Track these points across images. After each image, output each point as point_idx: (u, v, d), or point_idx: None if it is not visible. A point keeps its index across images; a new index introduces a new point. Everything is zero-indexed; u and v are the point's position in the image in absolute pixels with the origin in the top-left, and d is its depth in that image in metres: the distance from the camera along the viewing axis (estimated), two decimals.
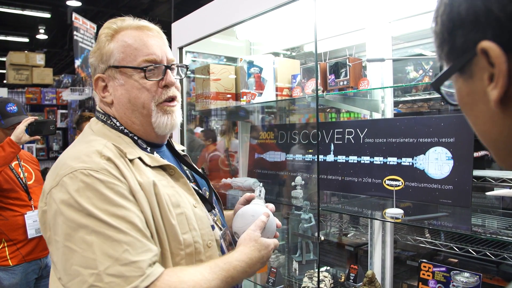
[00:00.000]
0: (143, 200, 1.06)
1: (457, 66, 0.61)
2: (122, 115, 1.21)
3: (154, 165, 1.16)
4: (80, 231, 0.97)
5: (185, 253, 1.10)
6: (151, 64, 1.18)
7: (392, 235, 2.12)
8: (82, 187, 1.00)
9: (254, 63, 2.40)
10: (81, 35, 7.20)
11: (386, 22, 2.08)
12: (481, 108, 0.60)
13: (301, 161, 2.55)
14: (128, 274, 0.94)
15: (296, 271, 2.37)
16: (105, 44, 1.19)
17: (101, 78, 1.21)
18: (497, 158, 0.64)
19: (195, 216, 1.15)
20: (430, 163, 1.88)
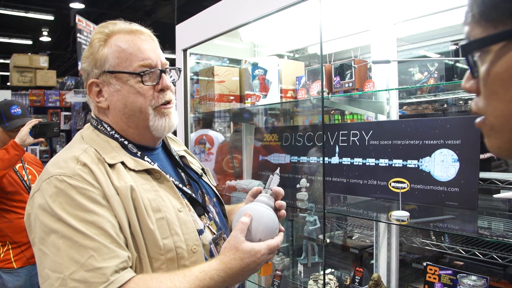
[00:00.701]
0: (118, 205, 1.06)
1: None
2: (117, 120, 1.21)
3: (139, 169, 1.15)
4: (52, 236, 0.99)
5: (166, 258, 1.09)
6: (146, 69, 1.18)
7: (397, 238, 2.11)
8: (55, 192, 1.02)
9: (258, 65, 2.39)
10: (84, 37, 7.21)
11: (391, 23, 2.07)
12: None
13: (305, 163, 2.54)
14: (92, 280, 0.95)
15: (301, 274, 2.36)
16: (98, 49, 1.18)
17: (95, 83, 1.20)
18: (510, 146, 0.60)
19: (178, 221, 1.14)
20: (436, 165, 1.87)
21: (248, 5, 2.22)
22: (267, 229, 1.16)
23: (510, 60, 0.55)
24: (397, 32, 2.09)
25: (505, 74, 0.56)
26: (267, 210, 1.20)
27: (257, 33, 2.65)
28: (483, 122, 0.63)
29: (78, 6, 10.81)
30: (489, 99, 0.59)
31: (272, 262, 2.56)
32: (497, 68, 0.57)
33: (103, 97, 1.21)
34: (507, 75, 0.56)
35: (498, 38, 0.56)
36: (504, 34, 0.55)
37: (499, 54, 0.56)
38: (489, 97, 0.59)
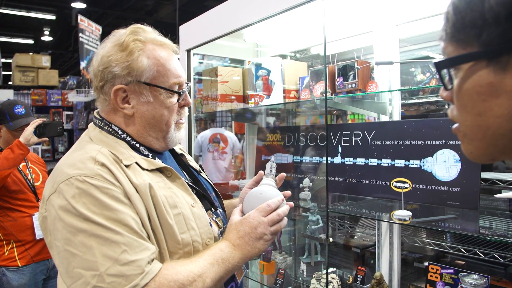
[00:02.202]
0: (138, 202, 1.08)
1: (494, 54, 0.59)
2: (139, 127, 1.23)
3: (151, 168, 1.18)
4: (79, 235, 1.00)
5: (184, 252, 1.14)
6: (178, 86, 1.24)
7: (399, 237, 2.12)
8: (77, 193, 1.03)
9: (262, 65, 2.41)
10: (86, 37, 7.24)
11: (394, 25, 2.09)
12: (501, 102, 0.60)
13: (308, 163, 2.56)
14: (128, 273, 0.98)
15: (303, 273, 2.38)
16: (137, 58, 1.18)
17: (123, 89, 1.19)
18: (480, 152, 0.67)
19: (193, 216, 1.18)
20: (438, 166, 1.89)
21: (252, 6, 2.24)
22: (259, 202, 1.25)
23: (477, 79, 0.62)
24: (399, 33, 2.11)
25: (472, 91, 0.63)
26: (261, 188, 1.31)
27: (261, 34, 2.67)
28: (457, 129, 0.70)
29: (80, 5, 10.83)
30: (460, 111, 0.67)
31: (275, 261, 2.58)
32: (466, 85, 0.63)
33: (128, 104, 1.21)
34: (474, 92, 0.62)
35: (466, 59, 0.63)
36: (471, 55, 0.62)
37: (468, 73, 0.63)
38: (460, 109, 0.67)
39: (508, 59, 0.58)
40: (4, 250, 2.70)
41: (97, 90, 1.23)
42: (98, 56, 1.22)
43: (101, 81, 1.20)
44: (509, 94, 0.59)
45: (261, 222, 1.20)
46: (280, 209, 1.25)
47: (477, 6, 0.60)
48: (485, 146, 0.65)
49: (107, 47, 1.21)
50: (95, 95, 1.26)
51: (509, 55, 0.58)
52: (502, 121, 0.61)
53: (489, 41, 0.59)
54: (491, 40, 0.59)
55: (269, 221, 1.21)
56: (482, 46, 0.60)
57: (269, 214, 1.22)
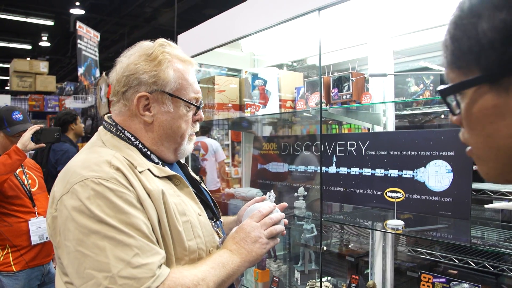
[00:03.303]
0: (150, 207, 1.11)
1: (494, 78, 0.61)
2: (155, 135, 1.27)
3: (162, 176, 1.21)
4: (92, 237, 1.02)
5: (189, 259, 1.17)
6: (195, 100, 1.30)
7: (393, 246, 2.15)
8: (92, 195, 1.05)
9: (258, 75, 2.45)
10: (84, 44, 7.27)
11: (388, 37, 2.13)
12: (508, 123, 0.62)
13: (303, 172, 2.59)
14: (140, 275, 1.00)
15: (298, 281, 2.39)
16: (165, 69, 1.23)
17: (146, 97, 1.23)
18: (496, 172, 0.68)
19: (199, 224, 1.22)
20: (431, 176, 1.92)
21: (250, 17, 2.28)
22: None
23: (482, 102, 0.63)
24: (393, 45, 2.15)
25: (479, 114, 0.65)
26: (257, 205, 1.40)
27: (257, 44, 2.71)
28: (471, 152, 0.72)
29: (78, 12, 10.88)
30: (470, 134, 0.68)
31: (270, 269, 2.59)
32: (473, 109, 0.65)
33: (149, 112, 1.25)
34: (482, 114, 0.64)
35: (469, 84, 0.65)
36: (474, 81, 0.63)
37: (473, 97, 0.65)
38: (470, 133, 0.68)
39: (509, 81, 0.60)
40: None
41: (117, 95, 1.26)
42: (123, 63, 1.25)
43: (124, 87, 1.24)
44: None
45: (254, 226, 1.27)
46: (273, 214, 1.33)
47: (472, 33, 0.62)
48: (500, 166, 0.67)
49: (134, 56, 1.25)
50: (114, 99, 1.28)
51: (509, 77, 0.60)
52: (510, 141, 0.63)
53: (488, 65, 0.62)
54: (489, 64, 0.61)
55: (262, 225, 1.29)
56: (482, 71, 0.62)
57: (261, 219, 1.30)
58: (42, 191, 3.01)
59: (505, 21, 0.58)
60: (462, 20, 0.65)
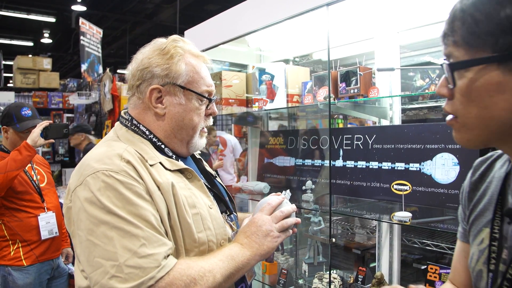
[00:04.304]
0: (160, 200, 1.14)
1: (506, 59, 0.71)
2: (167, 127, 1.30)
3: (173, 169, 1.25)
4: (102, 227, 1.06)
5: (199, 250, 1.19)
6: (207, 94, 1.31)
7: (399, 238, 2.18)
8: (103, 186, 1.09)
9: (266, 70, 2.47)
10: (87, 40, 7.29)
11: (395, 32, 2.15)
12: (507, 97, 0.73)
13: (310, 166, 2.62)
14: (146, 265, 1.03)
15: (305, 273, 2.43)
16: (177, 63, 1.26)
17: (158, 89, 1.27)
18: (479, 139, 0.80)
19: (210, 217, 1.24)
20: (437, 169, 1.94)
21: (257, 13, 2.30)
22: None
23: (488, 78, 0.74)
24: (400, 40, 2.17)
25: (482, 88, 0.75)
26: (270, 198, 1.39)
27: (264, 39, 2.72)
28: (454, 120, 0.83)
29: (80, 8, 10.88)
30: (466, 105, 0.78)
31: (277, 262, 2.63)
32: (476, 84, 0.76)
33: (161, 104, 1.29)
34: (484, 89, 0.75)
35: (479, 62, 0.75)
36: (486, 59, 0.73)
37: (479, 74, 0.75)
38: (466, 104, 0.78)
39: None
40: (10, 250, 2.74)
41: (132, 88, 1.31)
42: (137, 59, 1.30)
43: (139, 80, 1.28)
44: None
45: (264, 220, 1.28)
46: (283, 207, 1.34)
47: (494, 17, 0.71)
48: (485, 134, 0.79)
49: (148, 51, 1.29)
50: (129, 93, 1.33)
51: None
52: (505, 113, 0.74)
53: (504, 47, 0.71)
54: (505, 47, 0.71)
55: (273, 218, 1.29)
56: (496, 51, 0.72)
57: (271, 212, 1.32)
58: (50, 187, 3.05)
59: None
60: (485, 5, 0.73)
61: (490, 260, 0.90)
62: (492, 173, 1.00)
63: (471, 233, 1.01)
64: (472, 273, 0.98)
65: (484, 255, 0.93)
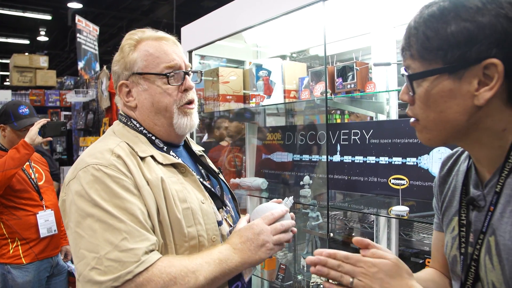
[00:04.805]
0: (148, 194, 1.15)
1: (455, 69, 0.83)
2: (145, 117, 1.32)
3: (166, 163, 1.26)
4: (88, 219, 1.08)
5: (189, 245, 1.19)
6: (172, 70, 1.29)
7: (397, 232, 2.19)
8: (92, 180, 1.12)
9: (263, 66, 2.47)
10: (84, 37, 7.26)
11: (391, 27, 2.15)
12: (458, 102, 0.84)
13: (307, 161, 2.63)
14: (125, 259, 1.04)
15: (304, 268, 2.44)
16: (128, 54, 1.30)
17: (125, 84, 1.31)
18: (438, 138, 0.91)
19: (201, 212, 1.24)
20: (434, 163, 1.95)
21: (254, 9, 2.30)
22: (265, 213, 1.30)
23: (441, 86, 0.85)
24: (396, 34, 2.17)
25: (437, 95, 0.86)
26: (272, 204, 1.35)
27: (261, 35, 2.73)
28: (417, 123, 0.93)
29: (76, 5, 10.84)
30: (424, 110, 0.89)
31: (276, 257, 2.64)
32: (432, 92, 0.86)
33: (132, 97, 1.32)
34: (438, 96, 0.86)
35: (432, 73, 0.86)
36: (439, 70, 0.84)
37: (434, 83, 0.86)
38: (423, 108, 0.89)
39: (464, 72, 0.82)
40: (9, 248, 2.75)
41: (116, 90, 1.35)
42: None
43: (115, 83, 1.34)
44: (464, 96, 0.84)
45: (264, 229, 1.23)
46: (284, 221, 1.28)
47: (442, 34, 0.83)
48: (443, 134, 0.90)
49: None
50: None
51: (465, 69, 0.82)
52: (458, 115, 0.85)
53: (452, 59, 0.82)
54: (453, 59, 0.82)
55: (272, 230, 1.24)
56: (446, 63, 0.83)
57: (272, 222, 1.26)
58: (49, 185, 3.05)
59: (468, 29, 0.80)
60: (433, 23, 0.84)
61: (461, 245, 0.98)
62: (457, 167, 1.09)
63: (444, 222, 1.10)
64: (448, 259, 1.05)
65: (456, 242, 1.00)
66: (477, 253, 0.91)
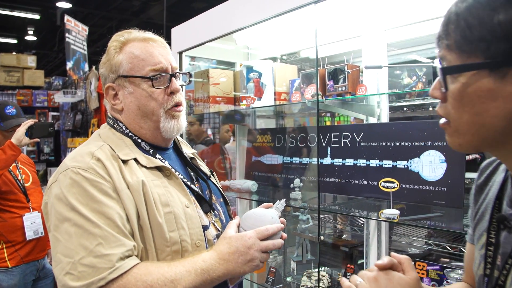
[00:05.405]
0: (127, 198, 1.13)
1: (497, 66, 0.70)
2: (131, 120, 1.30)
3: (150, 166, 1.23)
4: (65, 223, 1.07)
5: (171, 250, 1.16)
6: (157, 73, 1.26)
7: (387, 235, 2.19)
8: (70, 183, 1.10)
9: (253, 68, 2.46)
10: (73, 37, 7.18)
11: (382, 30, 2.16)
12: (498, 104, 0.72)
13: (297, 164, 2.62)
14: (99, 265, 1.02)
15: (294, 271, 2.43)
16: (114, 56, 1.28)
17: (111, 87, 1.30)
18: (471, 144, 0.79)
19: (185, 216, 1.21)
20: (424, 166, 1.96)
21: (245, 11, 2.29)
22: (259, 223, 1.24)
23: (479, 85, 0.72)
24: (387, 37, 2.18)
25: (473, 94, 0.73)
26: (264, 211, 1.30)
27: (252, 37, 2.71)
28: (448, 124, 0.81)
29: (65, 5, 10.73)
30: (458, 110, 0.77)
31: None
32: (468, 90, 0.74)
33: (118, 99, 1.30)
34: (475, 95, 0.73)
35: (470, 68, 0.73)
36: (478, 65, 0.72)
37: (471, 79, 0.73)
38: (458, 109, 0.76)
39: (508, 70, 0.69)
40: None
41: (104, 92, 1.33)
42: None
43: (103, 85, 1.33)
44: (506, 98, 0.71)
45: (255, 244, 1.18)
46: (276, 241, 1.23)
47: (487, 24, 0.69)
48: (476, 140, 0.77)
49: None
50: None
51: (509, 67, 0.69)
52: (496, 120, 0.73)
53: (495, 54, 0.69)
54: (497, 53, 0.69)
55: (263, 247, 1.19)
56: (488, 58, 0.70)
57: (265, 238, 1.20)
58: (36, 186, 3.00)
59: None
60: (478, 10, 0.71)
61: (486, 265, 0.88)
62: (495, 176, 0.97)
63: (475, 237, 0.99)
64: (475, 277, 0.96)
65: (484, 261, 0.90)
66: (503, 278, 0.82)
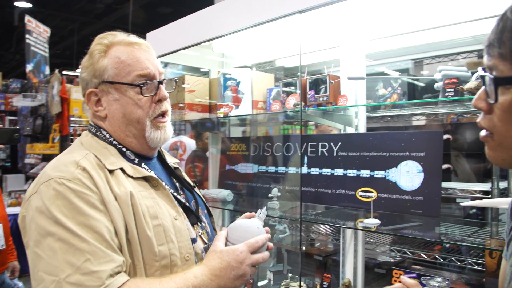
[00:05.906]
0: (115, 210, 1.07)
1: None
2: (116, 128, 1.23)
3: (137, 176, 1.18)
4: (48, 238, 0.99)
5: (160, 265, 1.10)
6: (144, 79, 1.21)
7: (363, 244, 2.21)
8: (53, 195, 1.03)
9: (231, 76, 2.44)
10: (33, 39, 6.92)
11: (361, 41, 2.19)
12: None
13: (273, 173, 2.61)
14: (87, 283, 0.96)
15: (270, 282, 2.41)
16: (98, 60, 1.21)
17: (94, 93, 1.22)
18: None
19: (174, 228, 1.16)
20: (402, 176, 1.99)
21: (224, 19, 2.26)
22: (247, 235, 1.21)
23: None
24: (366, 49, 2.22)
25: None
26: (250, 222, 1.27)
27: (230, 45, 2.69)
28: (490, 137, 0.75)
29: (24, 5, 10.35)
30: (505, 123, 0.71)
31: None
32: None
33: (101, 106, 1.23)
34: None
35: None
36: None
37: None
38: (506, 122, 0.71)
39: None
40: None
41: (84, 97, 1.25)
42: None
43: (83, 90, 1.25)
44: None
45: (247, 258, 1.15)
46: (265, 254, 1.22)
47: None
48: None
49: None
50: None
51: None
52: None
53: None
54: None
55: (253, 261, 1.17)
56: None
57: (255, 250, 1.18)
58: None
59: None
60: None
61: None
62: None
63: (508, 252, 0.94)
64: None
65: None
66: None
